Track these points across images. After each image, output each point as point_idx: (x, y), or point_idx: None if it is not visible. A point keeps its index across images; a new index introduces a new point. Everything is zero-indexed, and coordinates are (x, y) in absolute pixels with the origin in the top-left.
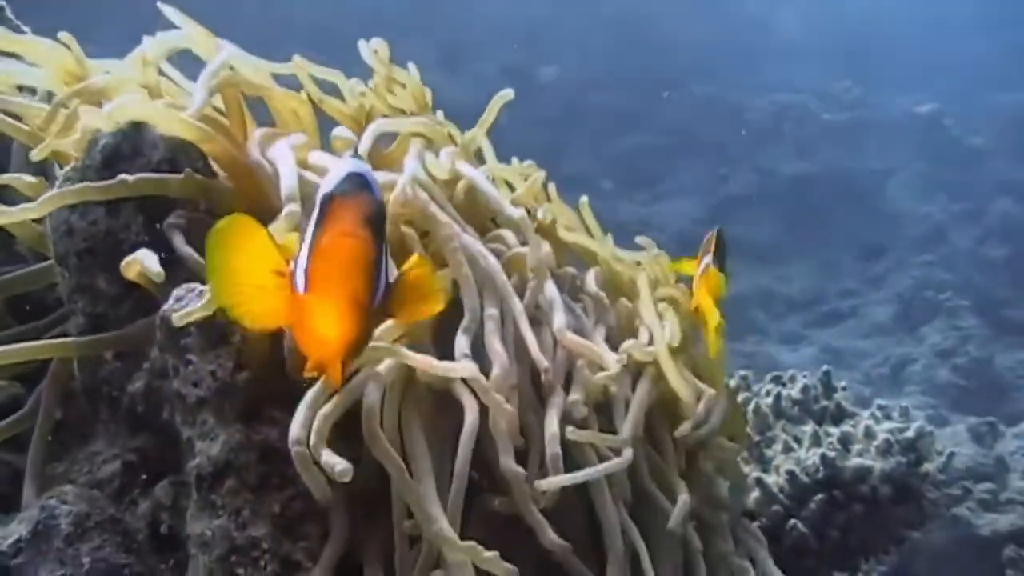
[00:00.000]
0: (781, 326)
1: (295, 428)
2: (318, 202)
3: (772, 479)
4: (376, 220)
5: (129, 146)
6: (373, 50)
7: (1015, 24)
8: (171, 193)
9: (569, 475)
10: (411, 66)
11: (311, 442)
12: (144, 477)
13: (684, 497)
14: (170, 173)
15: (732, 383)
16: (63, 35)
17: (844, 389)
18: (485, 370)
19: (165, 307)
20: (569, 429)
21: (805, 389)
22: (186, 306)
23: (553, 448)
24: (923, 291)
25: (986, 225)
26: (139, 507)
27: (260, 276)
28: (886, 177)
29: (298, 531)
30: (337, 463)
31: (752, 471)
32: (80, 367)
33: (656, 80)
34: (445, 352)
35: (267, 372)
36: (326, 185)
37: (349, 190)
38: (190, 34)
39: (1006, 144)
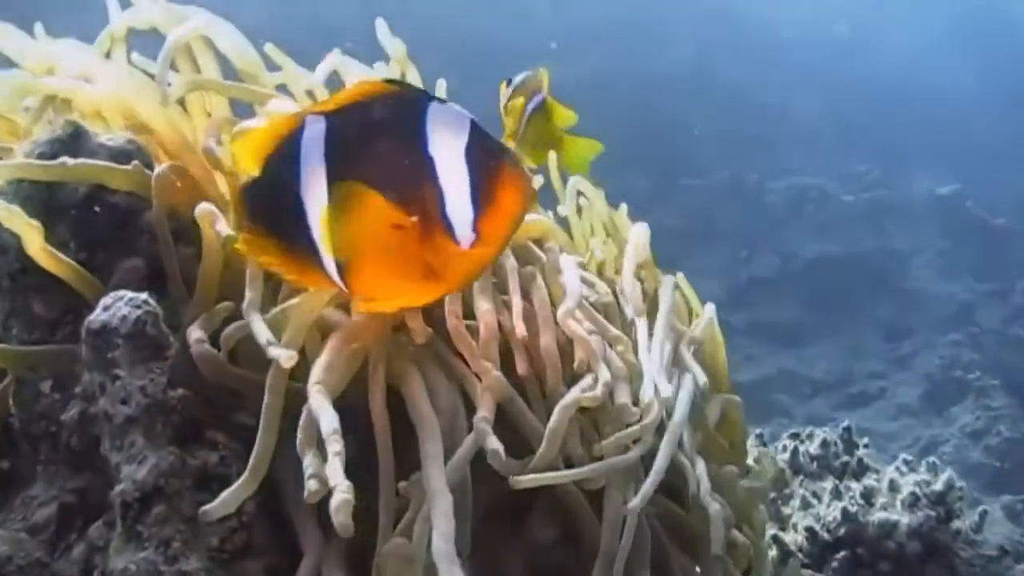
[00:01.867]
0: (806, 409)
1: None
2: (463, 149)
3: (790, 537)
4: None
5: (67, 155)
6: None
7: None
8: (115, 184)
9: (541, 475)
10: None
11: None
12: (82, 519)
13: (716, 507)
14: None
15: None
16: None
17: (867, 447)
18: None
19: (91, 317)
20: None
21: (824, 444)
22: (114, 315)
23: (558, 421)
24: (951, 371)
25: (1013, 304)
26: (73, 551)
27: (383, 237)
28: (909, 257)
29: (239, 567)
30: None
31: (768, 529)
32: (16, 402)
33: (676, 165)
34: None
35: (210, 391)
36: (447, 126)
37: (492, 142)
38: (154, 14)
39: None
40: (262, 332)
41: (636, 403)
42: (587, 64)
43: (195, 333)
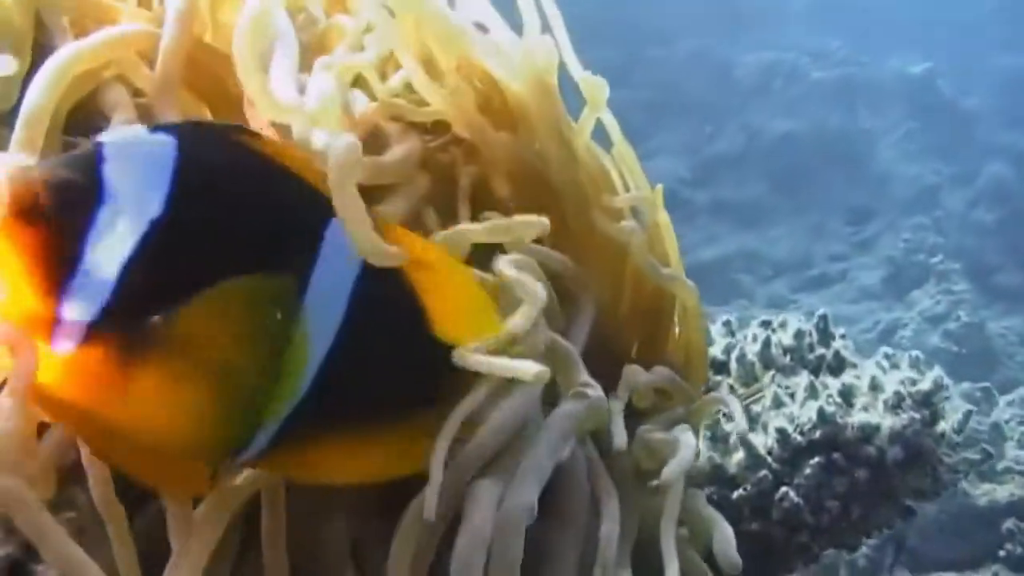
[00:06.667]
0: (767, 290)
1: None
2: None
3: (759, 439)
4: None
5: None
6: None
7: None
8: None
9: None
10: None
11: None
12: None
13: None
14: None
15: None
16: None
17: (843, 337)
18: None
19: None
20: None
21: (799, 335)
22: None
23: None
24: (913, 255)
25: (978, 188)
26: None
27: None
28: (877, 138)
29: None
30: None
31: (735, 429)
32: None
33: (642, 36)
34: None
35: None
36: None
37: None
38: None
39: (1001, 107)
40: None
41: None
42: None
43: None
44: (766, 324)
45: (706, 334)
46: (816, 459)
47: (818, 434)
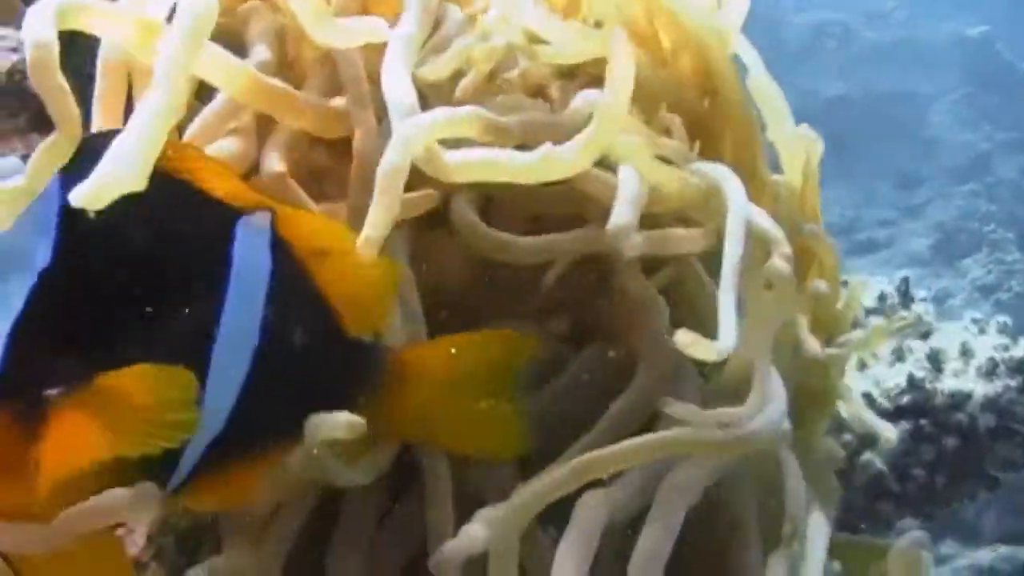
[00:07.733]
0: None
1: None
2: None
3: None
4: None
5: None
6: None
7: None
8: None
9: None
10: None
11: None
12: None
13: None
14: None
15: None
16: None
17: (924, 300)
18: None
19: None
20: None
21: (881, 297)
22: None
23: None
24: (965, 222)
25: None
26: None
27: None
28: (930, 102)
29: None
30: None
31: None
32: None
33: None
34: None
35: None
36: None
37: None
38: None
39: None
40: None
41: None
42: None
43: None
44: (843, 284)
45: (840, 295)
46: (903, 425)
47: (906, 399)
